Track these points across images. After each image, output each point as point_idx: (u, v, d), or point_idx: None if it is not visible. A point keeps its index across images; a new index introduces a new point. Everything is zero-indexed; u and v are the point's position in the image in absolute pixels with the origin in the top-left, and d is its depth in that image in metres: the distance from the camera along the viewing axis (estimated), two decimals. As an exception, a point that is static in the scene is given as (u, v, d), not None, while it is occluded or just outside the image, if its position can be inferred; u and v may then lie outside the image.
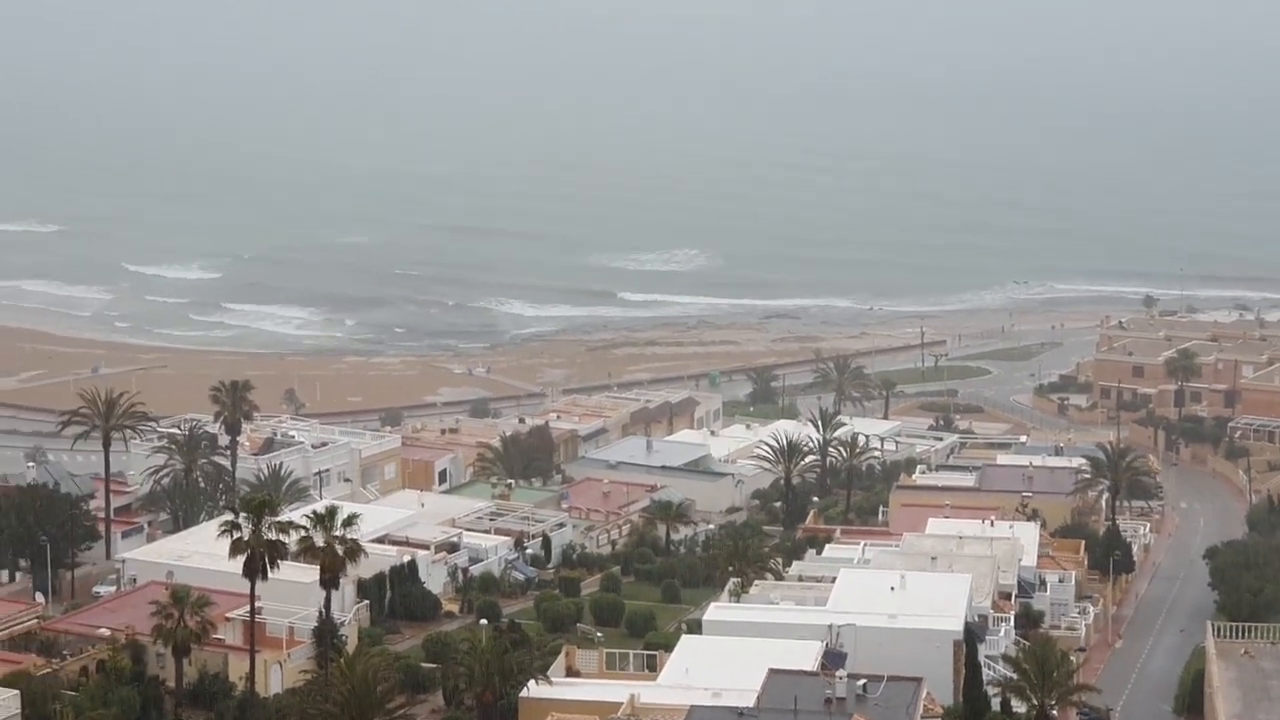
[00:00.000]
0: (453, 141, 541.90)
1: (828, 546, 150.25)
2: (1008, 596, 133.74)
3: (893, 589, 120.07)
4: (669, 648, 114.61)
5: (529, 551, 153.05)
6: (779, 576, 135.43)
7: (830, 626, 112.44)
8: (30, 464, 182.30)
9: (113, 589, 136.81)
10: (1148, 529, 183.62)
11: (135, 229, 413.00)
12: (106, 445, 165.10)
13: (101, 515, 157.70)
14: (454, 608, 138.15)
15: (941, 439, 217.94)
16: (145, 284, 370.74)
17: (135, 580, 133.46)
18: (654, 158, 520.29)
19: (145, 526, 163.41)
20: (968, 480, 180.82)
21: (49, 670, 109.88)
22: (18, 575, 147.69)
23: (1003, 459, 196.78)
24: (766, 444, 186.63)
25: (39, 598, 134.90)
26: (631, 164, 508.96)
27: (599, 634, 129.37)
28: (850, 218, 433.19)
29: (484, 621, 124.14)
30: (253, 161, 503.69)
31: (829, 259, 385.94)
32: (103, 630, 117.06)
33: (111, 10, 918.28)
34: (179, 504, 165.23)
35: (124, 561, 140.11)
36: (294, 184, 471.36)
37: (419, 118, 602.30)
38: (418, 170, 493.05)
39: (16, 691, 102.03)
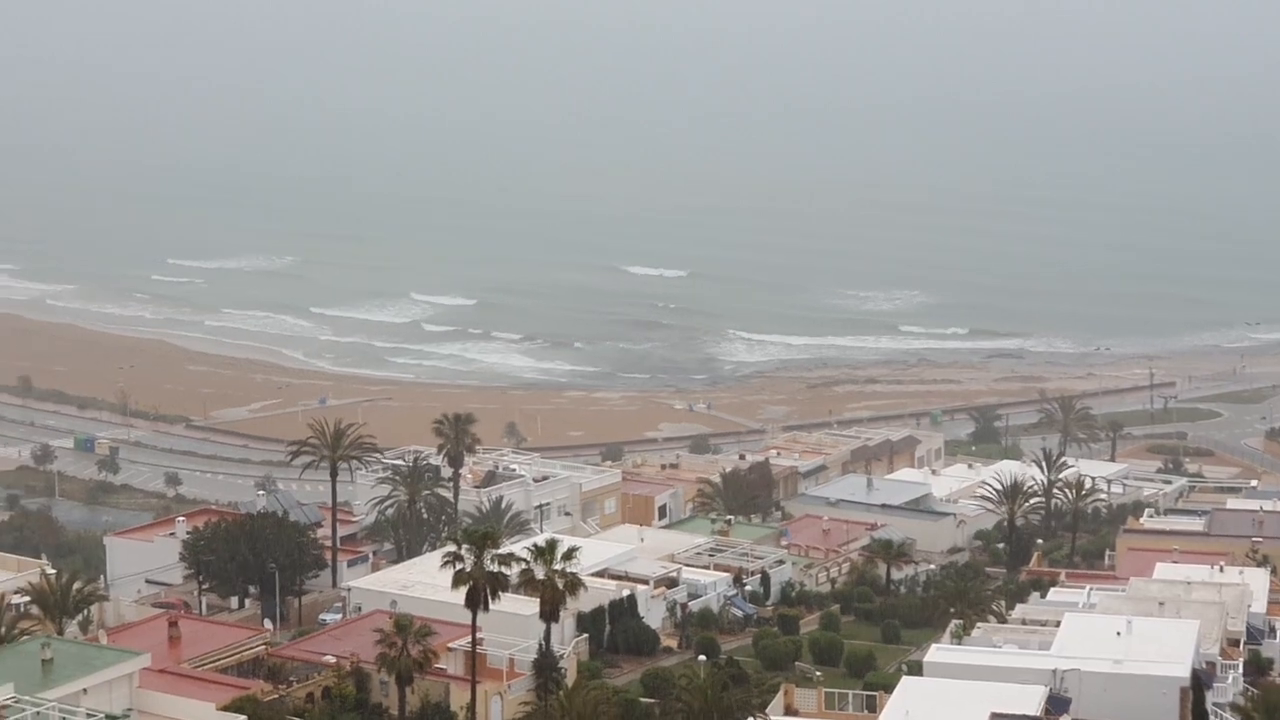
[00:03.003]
0: (677, 182, 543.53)
1: (1052, 590, 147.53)
2: (1236, 643, 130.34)
3: (1119, 634, 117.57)
4: (889, 689, 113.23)
5: (748, 588, 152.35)
6: (1002, 619, 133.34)
7: (1054, 671, 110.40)
8: (260, 492, 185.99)
9: (338, 617, 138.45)
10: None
11: (364, 264, 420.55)
12: (333, 475, 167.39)
13: (328, 544, 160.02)
14: (672, 643, 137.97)
15: (1170, 482, 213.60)
16: (372, 317, 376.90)
17: (360, 608, 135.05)
18: (874, 198, 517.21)
19: (370, 556, 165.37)
20: (1196, 525, 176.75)
21: (275, 696, 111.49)
22: (247, 601, 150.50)
23: (1233, 503, 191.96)
24: (989, 484, 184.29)
25: (267, 624, 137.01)
26: (852, 204, 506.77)
27: (818, 673, 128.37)
28: (1074, 257, 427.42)
29: (702, 657, 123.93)
30: (482, 201, 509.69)
31: (1052, 298, 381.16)
32: (328, 657, 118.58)
33: (346, 52, 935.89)
34: (403, 534, 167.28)
35: (349, 590, 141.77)
36: (521, 222, 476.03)
37: (649, 159, 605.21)
38: (642, 210, 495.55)
39: (244, 717, 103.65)
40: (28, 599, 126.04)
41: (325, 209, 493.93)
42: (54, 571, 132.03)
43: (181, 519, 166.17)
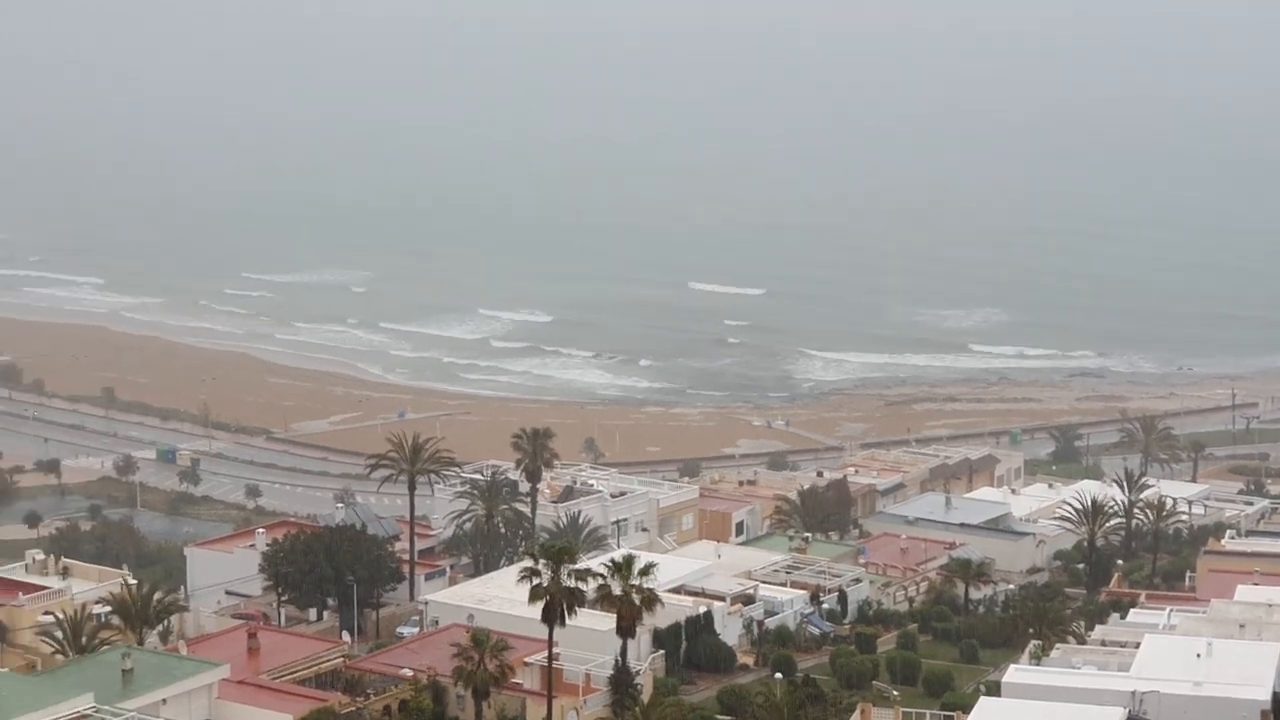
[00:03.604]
0: (749, 198, 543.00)
1: (1132, 611, 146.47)
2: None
3: (1199, 656, 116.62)
4: (966, 709, 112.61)
5: (825, 606, 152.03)
6: (1081, 640, 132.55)
7: (1134, 693, 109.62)
8: (339, 505, 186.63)
9: (415, 630, 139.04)
10: None
11: (443, 279, 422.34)
12: (412, 489, 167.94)
13: (406, 557, 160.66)
14: (749, 660, 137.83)
15: (1252, 503, 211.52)
16: (444, 333, 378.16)
17: (437, 622, 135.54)
18: (952, 214, 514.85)
19: (447, 570, 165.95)
20: (1278, 546, 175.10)
21: (353, 708, 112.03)
22: (325, 614, 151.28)
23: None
24: (1070, 504, 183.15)
25: (345, 636, 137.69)
26: (930, 220, 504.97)
27: (895, 692, 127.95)
28: (1156, 276, 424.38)
29: (779, 675, 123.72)
30: (554, 217, 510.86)
31: (1134, 317, 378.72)
32: (405, 670, 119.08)
33: (418, 73, 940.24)
34: (480, 549, 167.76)
35: (427, 603, 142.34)
36: (593, 239, 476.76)
37: (721, 175, 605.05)
38: (715, 227, 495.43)
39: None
40: (109, 609, 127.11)
41: (395, 226, 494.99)
42: (135, 582, 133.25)
43: (261, 531, 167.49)
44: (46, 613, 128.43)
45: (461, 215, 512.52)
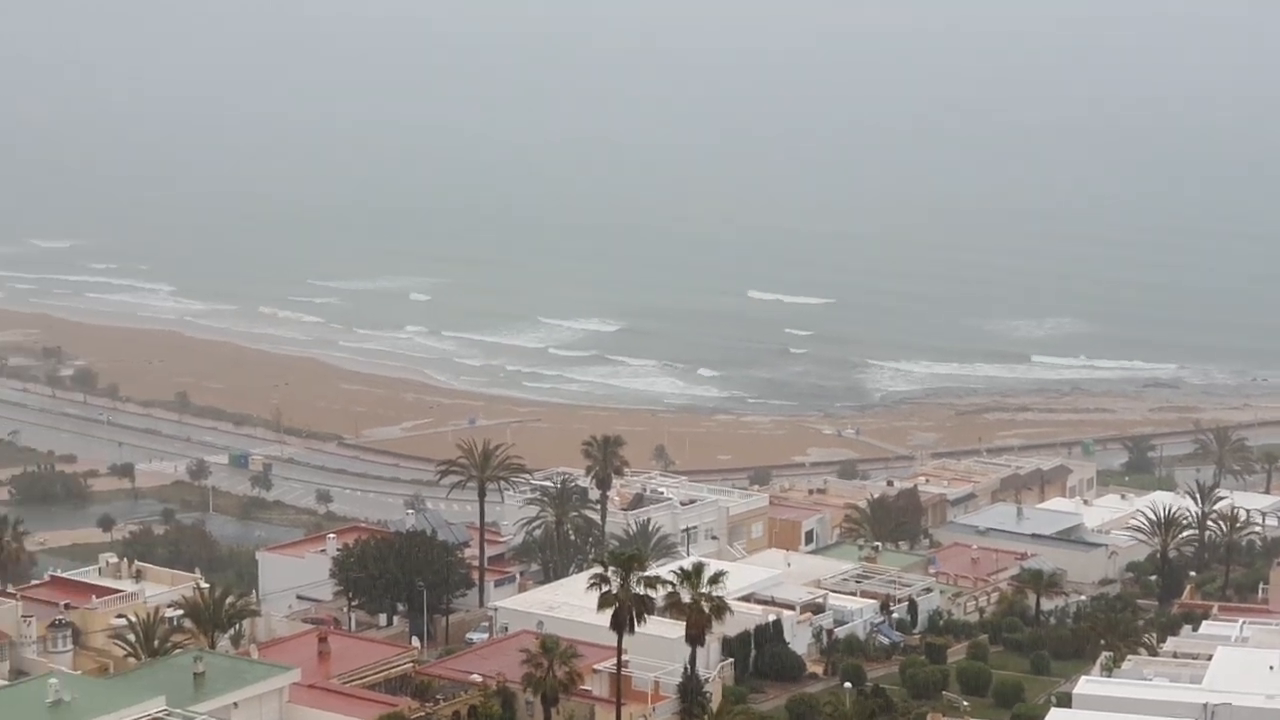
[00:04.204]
0: (814, 206, 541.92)
1: (1204, 623, 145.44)
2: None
3: (1271, 668, 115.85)
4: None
5: (895, 615, 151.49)
6: (1153, 652, 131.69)
7: (1205, 705, 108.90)
8: (409, 511, 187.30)
9: (485, 636, 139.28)
10: None
11: (515, 286, 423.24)
12: (481, 495, 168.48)
13: (476, 564, 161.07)
14: (818, 669, 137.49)
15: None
16: (522, 339, 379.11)
17: (507, 628, 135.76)
18: (1021, 224, 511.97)
19: (517, 576, 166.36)
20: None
21: (422, 714, 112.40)
22: (395, 619, 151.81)
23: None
24: (1142, 515, 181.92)
25: (415, 642, 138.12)
26: (992, 228, 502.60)
27: (965, 703, 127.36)
28: (1230, 287, 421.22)
29: (848, 685, 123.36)
30: (617, 226, 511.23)
31: (1208, 329, 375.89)
32: (474, 676, 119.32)
33: (481, 82, 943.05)
34: (550, 555, 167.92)
35: (496, 610, 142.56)
36: (659, 248, 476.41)
37: (784, 182, 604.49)
38: (787, 232, 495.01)
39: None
40: (181, 612, 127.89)
41: (457, 234, 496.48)
42: (207, 585, 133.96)
43: (332, 536, 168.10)
44: (119, 616, 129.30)
45: (513, 222, 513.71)
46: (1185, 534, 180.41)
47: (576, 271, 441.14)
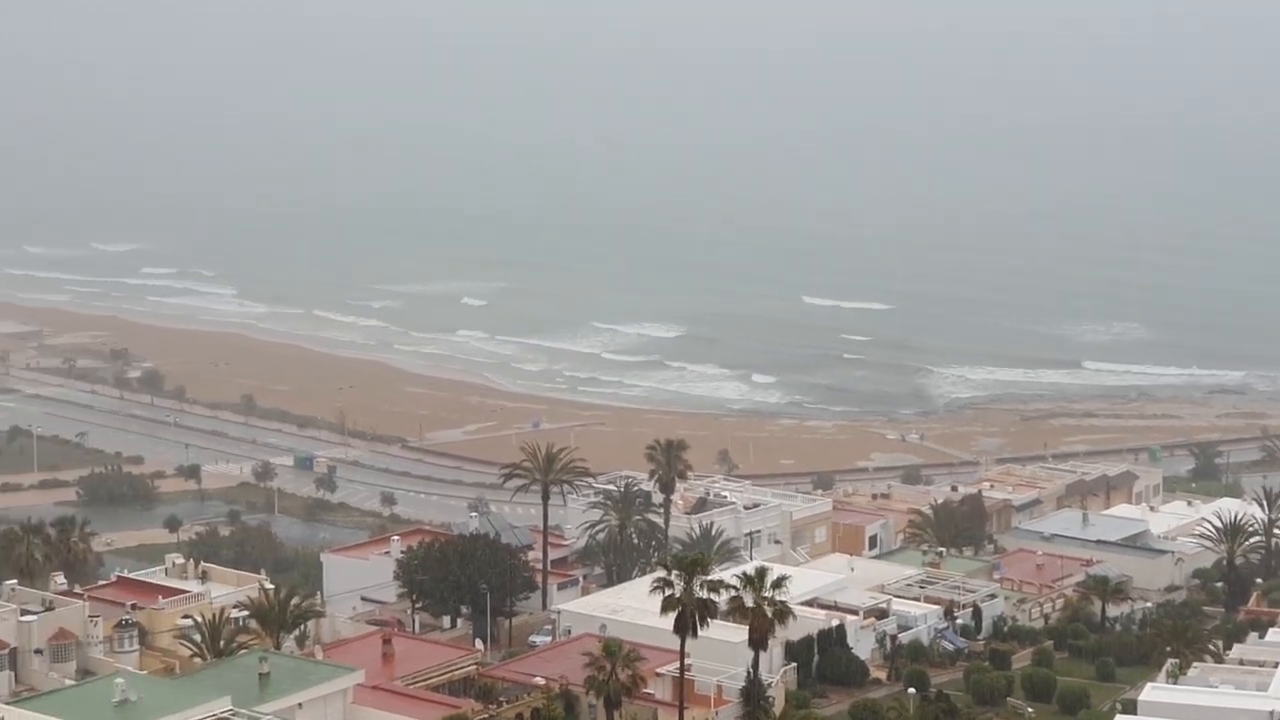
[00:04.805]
0: (889, 212, 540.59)
1: (1271, 630, 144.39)
2: None
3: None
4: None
5: (959, 621, 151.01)
6: (1219, 659, 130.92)
7: (1272, 713, 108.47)
8: (473, 514, 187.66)
9: (548, 639, 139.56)
10: None
11: (566, 291, 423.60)
12: (545, 499, 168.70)
13: (539, 567, 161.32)
14: (881, 675, 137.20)
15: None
16: (579, 344, 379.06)
17: (570, 631, 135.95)
18: (1084, 229, 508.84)
19: (580, 579, 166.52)
20: None
21: (485, 716, 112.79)
22: (459, 621, 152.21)
23: None
24: (1209, 522, 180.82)
25: (478, 644, 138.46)
26: (1062, 234, 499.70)
27: (1029, 709, 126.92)
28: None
29: (912, 691, 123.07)
30: (675, 230, 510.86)
31: (1276, 335, 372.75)
32: (537, 679, 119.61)
33: (536, 88, 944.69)
34: (613, 559, 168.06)
35: (559, 613, 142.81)
36: (717, 253, 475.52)
37: (843, 187, 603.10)
38: (853, 237, 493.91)
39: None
40: (246, 613, 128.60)
41: (513, 240, 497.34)
42: (272, 586, 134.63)
43: (396, 538, 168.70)
44: (185, 616, 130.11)
45: (575, 229, 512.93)
46: (1252, 540, 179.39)
47: (624, 276, 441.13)
